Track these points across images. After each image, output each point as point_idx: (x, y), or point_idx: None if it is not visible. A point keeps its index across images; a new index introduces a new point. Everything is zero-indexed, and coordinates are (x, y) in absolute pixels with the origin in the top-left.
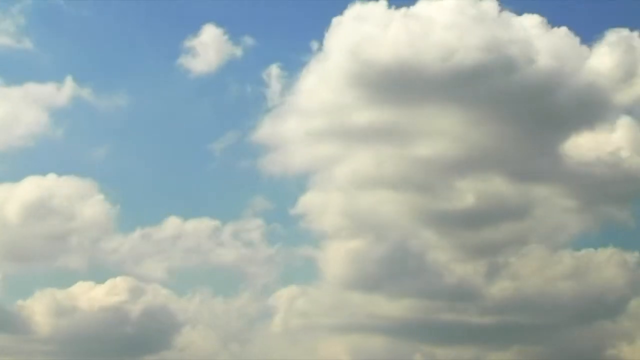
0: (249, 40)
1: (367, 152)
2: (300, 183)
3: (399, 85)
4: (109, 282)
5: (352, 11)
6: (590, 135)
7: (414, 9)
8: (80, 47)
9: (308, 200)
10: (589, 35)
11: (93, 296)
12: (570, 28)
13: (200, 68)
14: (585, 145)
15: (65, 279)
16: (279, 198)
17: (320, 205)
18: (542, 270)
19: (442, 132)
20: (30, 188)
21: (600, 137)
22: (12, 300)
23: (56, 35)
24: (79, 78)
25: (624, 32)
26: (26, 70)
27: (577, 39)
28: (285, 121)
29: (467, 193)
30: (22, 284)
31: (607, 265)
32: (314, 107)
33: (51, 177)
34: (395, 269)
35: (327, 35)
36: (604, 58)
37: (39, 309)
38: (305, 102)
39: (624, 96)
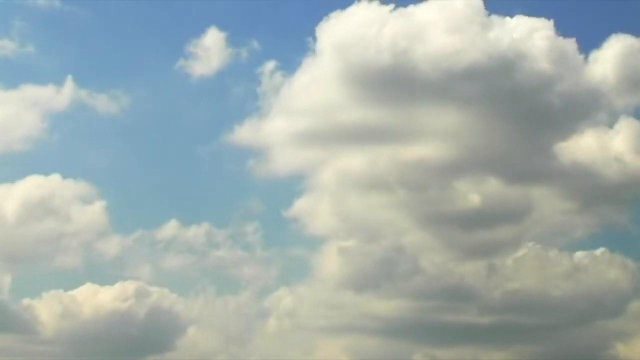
0: (251, 43)
1: (361, 153)
2: (295, 184)
3: (394, 85)
4: (111, 284)
5: (347, 11)
6: (590, 137)
7: (411, 9)
8: (81, 50)
9: (304, 202)
10: (592, 38)
11: (96, 298)
12: (572, 30)
13: (202, 71)
14: (585, 147)
15: (69, 281)
16: (274, 200)
17: (316, 207)
18: (539, 271)
19: (438, 132)
20: (29, 190)
21: (600, 139)
22: (16, 300)
23: (57, 38)
24: (79, 81)
25: (628, 38)
26: (27, 73)
27: (580, 42)
28: (281, 123)
29: (466, 194)
30: (26, 285)
31: (605, 266)
32: (309, 108)
33: (48, 179)
34: (391, 271)
35: (321, 34)
36: (606, 61)
37: (43, 310)
38: (300, 103)
39: (625, 98)
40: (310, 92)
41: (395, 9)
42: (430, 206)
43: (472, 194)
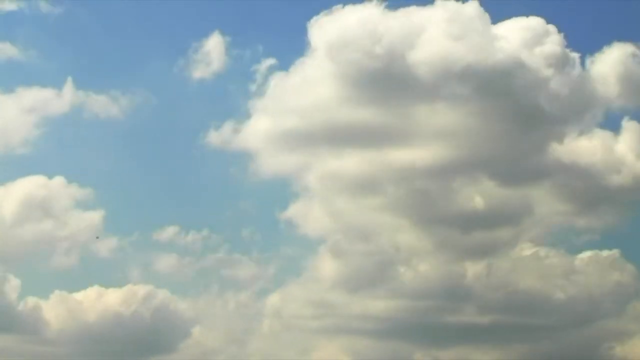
0: (252, 46)
1: (356, 154)
2: (290, 186)
3: (388, 85)
4: (113, 287)
5: (341, 10)
6: (590, 139)
7: (409, 11)
8: (81, 54)
9: (299, 205)
10: (593, 42)
11: (100, 300)
12: (572, 34)
13: (202, 74)
14: (585, 149)
15: (73, 283)
16: (269, 203)
17: (312, 209)
18: (538, 272)
19: (436, 133)
20: (26, 192)
21: (601, 141)
22: (21, 301)
23: (58, 40)
24: (79, 85)
25: (629, 46)
26: (27, 75)
27: (581, 45)
28: (277, 125)
29: (464, 195)
30: (32, 286)
31: (604, 267)
32: (305, 109)
33: (46, 181)
34: (388, 272)
35: (313, 32)
36: (606, 64)
37: (48, 311)
38: (298, 104)
39: (625, 101)
40: (307, 92)
41: (393, 9)
42: (429, 207)
43: (470, 195)
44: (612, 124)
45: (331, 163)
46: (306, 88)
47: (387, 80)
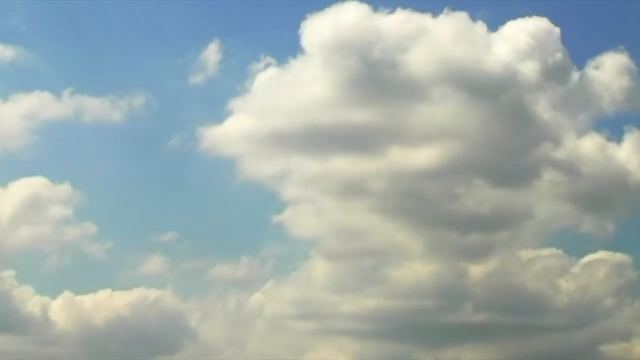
0: (250, 51)
1: (349, 155)
2: (283, 187)
3: (382, 86)
4: (114, 289)
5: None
6: (589, 142)
7: (406, 12)
8: (80, 58)
9: (294, 206)
10: (589, 48)
11: (104, 302)
12: (571, 37)
13: (200, 79)
14: (582, 152)
15: (79, 285)
16: (262, 203)
17: (306, 211)
18: (537, 273)
19: (434, 134)
20: (24, 190)
21: (599, 145)
22: (28, 302)
23: (58, 43)
24: (78, 89)
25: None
26: (25, 79)
27: (577, 50)
28: (270, 126)
29: (459, 197)
30: (38, 287)
31: (603, 267)
32: (301, 110)
33: (42, 181)
34: (383, 273)
35: (306, 32)
36: (603, 70)
37: (55, 312)
38: (289, 105)
39: (625, 105)
40: (299, 93)
41: (391, 12)
42: (428, 209)
43: (468, 197)
44: (612, 127)
45: (328, 164)
46: (299, 89)
47: (381, 82)
